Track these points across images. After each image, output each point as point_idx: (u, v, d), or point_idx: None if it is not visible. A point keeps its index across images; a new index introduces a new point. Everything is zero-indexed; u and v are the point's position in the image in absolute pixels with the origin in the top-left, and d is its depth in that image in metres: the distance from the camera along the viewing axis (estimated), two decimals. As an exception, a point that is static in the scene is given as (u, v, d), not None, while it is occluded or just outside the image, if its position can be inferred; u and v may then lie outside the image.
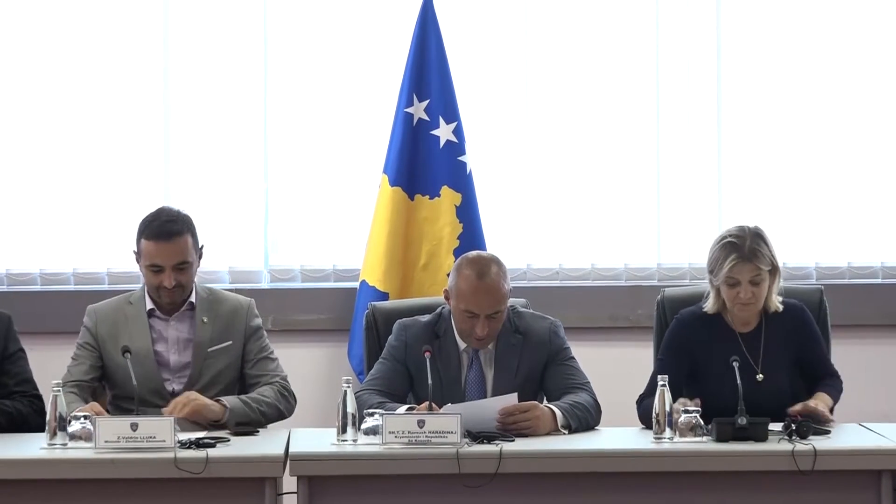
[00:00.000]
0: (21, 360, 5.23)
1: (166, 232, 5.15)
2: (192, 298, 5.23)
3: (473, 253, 5.25)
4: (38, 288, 6.75)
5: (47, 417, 4.70)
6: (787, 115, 6.91)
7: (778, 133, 6.91)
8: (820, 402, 5.08)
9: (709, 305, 5.21)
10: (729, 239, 5.14)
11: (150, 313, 5.23)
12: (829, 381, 5.25)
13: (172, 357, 5.20)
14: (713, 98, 6.89)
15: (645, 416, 5.01)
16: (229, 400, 5.07)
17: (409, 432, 4.62)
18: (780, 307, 5.23)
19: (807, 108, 6.90)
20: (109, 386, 5.27)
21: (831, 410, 5.13)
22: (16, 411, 5.08)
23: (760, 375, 5.17)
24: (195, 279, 5.28)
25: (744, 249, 5.10)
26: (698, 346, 5.20)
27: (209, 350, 5.20)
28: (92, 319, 5.27)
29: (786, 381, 5.21)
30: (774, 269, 5.17)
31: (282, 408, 5.18)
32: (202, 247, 5.26)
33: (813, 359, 5.27)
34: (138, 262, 5.23)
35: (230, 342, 5.23)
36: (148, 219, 5.24)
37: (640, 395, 5.18)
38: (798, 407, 4.99)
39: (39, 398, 5.16)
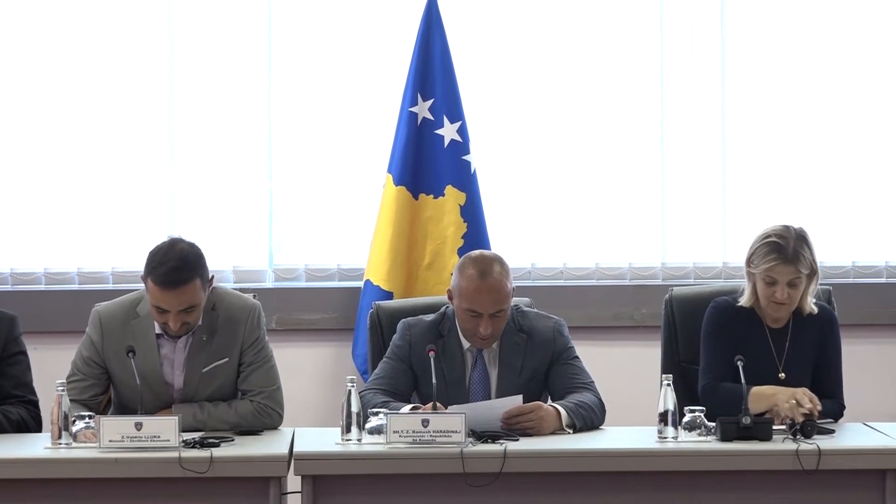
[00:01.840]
0: (20, 364, 5.14)
1: (173, 281, 4.90)
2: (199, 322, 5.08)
3: (476, 252, 5.24)
4: (42, 287, 6.75)
5: (52, 417, 4.70)
6: (791, 114, 6.90)
7: (782, 132, 6.91)
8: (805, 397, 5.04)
9: (744, 299, 5.21)
10: (773, 238, 5.12)
11: (159, 335, 5.08)
12: (827, 403, 5.10)
13: (177, 379, 5.10)
14: (718, 97, 6.89)
15: (725, 401, 4.94)
16: (179, 408, 5.01)
17: (413, 432, 4.62)
18: (815, 309, 5.22)
19: (811, 107, 6.90)
20: (115, 394, 5.17)
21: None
22: (20, 419, 5.05)
23: (782, 374, 5.17)
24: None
25: (787, 251, 5.08)
26: (732, 335, 5.20)
27: (203, 371, 5.06)
28: (97, 331, 5.10)
29: (807, 382, 5.19)
30: (813, 273, 5.16)
31: (244, 424, 4.99)
32: (212, 277, 5.06)
33: (823, 367, 5.23)
34: (146, 289, 5.01)
35: (227, 359, 5.09)
36: (157, 259, 4.95)
37: (707, 383, 5.15)
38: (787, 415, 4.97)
39: (35, 404, 5.12)
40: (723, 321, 5.23)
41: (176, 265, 4.92)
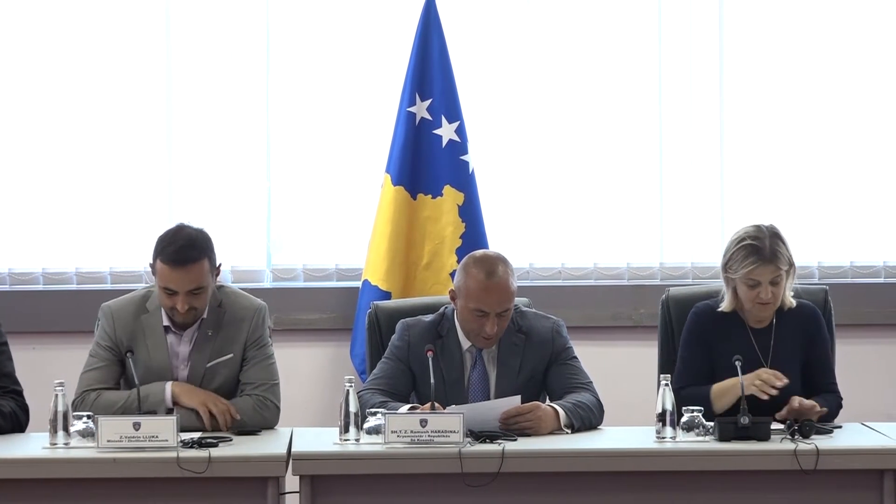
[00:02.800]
0: (1, 354, 5.13)
1: (182, 259, 4.96)
2: (204, 314, 5.12)
3: (480, 252, 5.24)
4: (40, 287, 6.75)
5: (49, 416, 4.70)
6: (789, 114, 6.91)
7: (780, 132, 6.91)
8: (801, 402, 5.05)
9: (725, 305, 5.20)
10: (749, 241, 5.11)
11: (166, 329, 5.12)
12: (827, 397, 5.17)
13: (182, 373, 5.11)
14: (716, 97, 6.89)
15: (693, 399, 4.93)
16: (179, 409, 5.00)
17: (411, 432, 4.62)
18: (794, 303, 5.23)
19: (809, 107, 6.90)
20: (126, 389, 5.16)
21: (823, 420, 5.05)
22: (12, 411, 5.04)
23: None
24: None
25: (765, 252, 5.09)
26: (714, 340, 5.20)
27: (208, 366, 5.09)
28: (110, 322, 5.12)
29: (795, 380, 5.20)
30: (791, 267, 5.17)
31: (243, 419, 5.00)
32: (219, 265, 5.11)
33: (815, 363, 5.24)
34: (154, 275, 5.07)
35: (231, 355, 5.12)
36: (166, 240, 5.04)
37: (675, 391, 5.16)
38: (784, 412, 4.98)
39: (20, 394, 5.11)
40: (701, 328, 5.23)
41: (185, 244, 4.99)
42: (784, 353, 5.21)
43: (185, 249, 4.99)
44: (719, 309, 5.22)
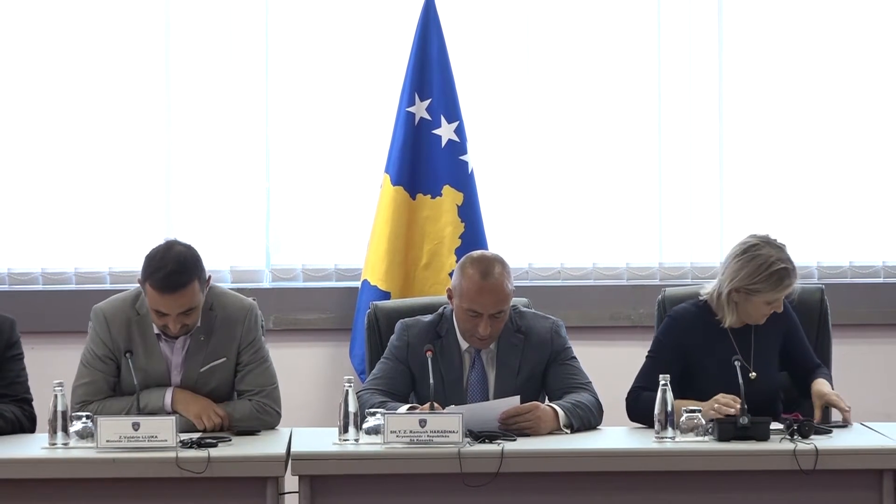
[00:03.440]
0: (11, 362, 5.11)
1: (172, 284, 4.89)
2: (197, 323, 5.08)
3: (477, 252, 5.24)
4: (39, 287, 6.75)
5: (48, 416, 4.69)
6: (788, 114, 6.91)
7: (779, 133, 6.91)
8: (825, 388, 5.12)
9: (729, 321, 5.17)
10: (781, 265, 5.08)
11: (158, 336, 5.08)
12: (822, 370, 5.25)
13: (175, 379, 5.08)
14: (715, 98, 6.89)
15: (645, 411, 4.93)
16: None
17: (410, 432, 4.62)
18: None
19: (808, 107, 6.90)
20: (120, 393, 5.14)
21: None
22: (15, 418, 5.03)
23: (753, 374, 5.17)
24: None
25: (793, 272, 5.11)
26: (692, 345, 5.20)
27: (200, 371, 5.07)
28: (104, 326, 5.08)
29: (776, 376, 5.24)
30: None
31: (244, 424, 5.00)
32: (209, 277, 5.05)
33: (797, 348, 5.27)
34: (143, 293, 5.00)
35: (224, 359, 5.10)
36: (154, 263, 4.94)
37: (634, 389, 5.17)
38: (818, 413, 5.03)
39: (29, 402, 5.10)
40: (680, 332, 5.22)
41: (174, 268, 4.91)
42: (765, 348, 5.23)
43: (174, 275, 4.90)
44: (722, 325, 5.19)
